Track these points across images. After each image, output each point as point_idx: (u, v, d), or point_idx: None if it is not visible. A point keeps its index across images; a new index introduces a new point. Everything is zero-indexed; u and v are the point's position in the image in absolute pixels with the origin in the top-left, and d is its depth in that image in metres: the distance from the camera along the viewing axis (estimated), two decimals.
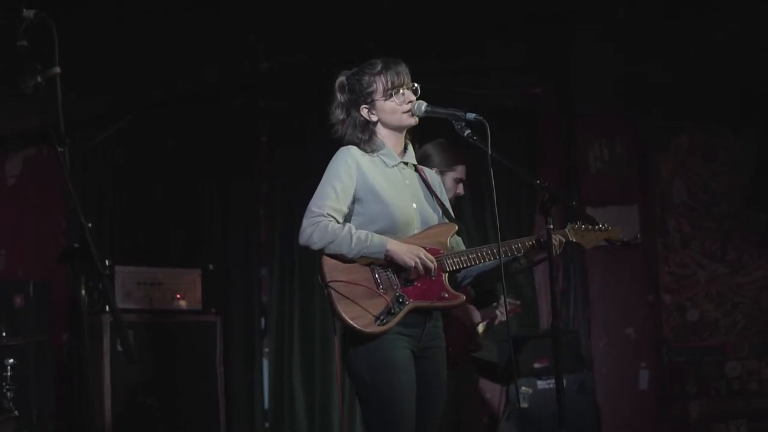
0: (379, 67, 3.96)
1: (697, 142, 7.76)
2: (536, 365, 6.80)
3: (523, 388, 6.71)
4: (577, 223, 4.13)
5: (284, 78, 7.39)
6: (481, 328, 6.03)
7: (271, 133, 7.92)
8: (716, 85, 7.51)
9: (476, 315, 5.24)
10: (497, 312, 5.97)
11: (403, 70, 3.98)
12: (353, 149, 3.93)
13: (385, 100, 3.93)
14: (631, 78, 7.66)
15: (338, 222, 3.83)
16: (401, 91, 3.94)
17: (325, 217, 3.81)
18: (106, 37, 6.69)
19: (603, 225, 4.18)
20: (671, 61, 7.54)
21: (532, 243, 3.98)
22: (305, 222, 3.83)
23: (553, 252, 3.92)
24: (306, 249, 3.84)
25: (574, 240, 4.12)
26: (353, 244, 3.75)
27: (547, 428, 6.48)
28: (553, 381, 6.54)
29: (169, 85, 7.42)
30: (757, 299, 7.60)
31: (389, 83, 3.93)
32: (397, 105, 3.93)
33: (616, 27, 7.43)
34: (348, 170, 3.87)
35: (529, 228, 7.38)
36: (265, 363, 7.74)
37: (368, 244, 3.76)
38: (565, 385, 3.95)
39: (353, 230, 3.79)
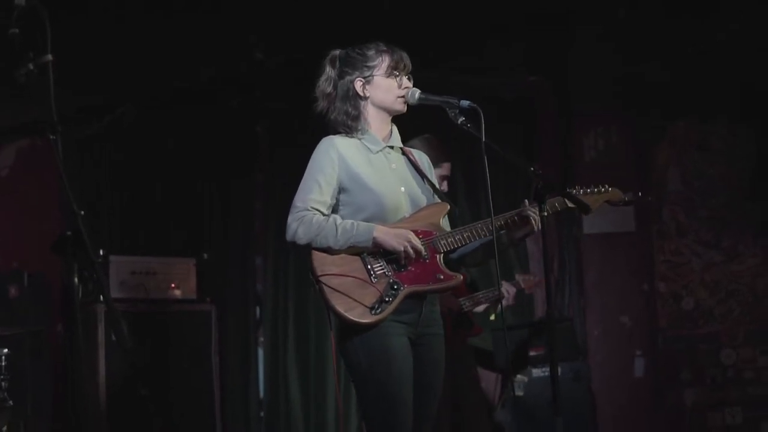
0: (384, 46, 3.95)
1: (693, 131, 7.75)
2: (531, 353, 6.80)
3: (519, 376, 6.72)
4: (575, 189, 4.03)
5: (282, 76, 7.39)
6: (482, 309, 6.04)
7: (268, 127, 7.93)
8: (714, 85, 7.51)
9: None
10: (504, 291, 5.95)
11: (407, 57, 3.97)
12: (335, 139, 3.90)
13: (386, 77, 3.91)
14: (629, 78, 7.66)
15: (323, 214, 3.80)
16: (401, 75, 3.94)
17: (309, 210, 3.78)
18: (105, 35, 6.67)
19: (603, 187, 4.11)
20: (670, 61, 7.54)
21: (513, 218, 3.92)
22: (290, 218, 3.81)
23: (534, 228, 3.89)
24: (294, 245, 3.82)
25: (572, 206, 4.00)
26: (339, 235, 3.73)
27: (543, 416, 6.49)
28: (548, 369, 6.56)
29: (167, 84, 7.41)
30: (752, 287, 7.61)
31: (394, 62, 3.92)
32: (395, 86, 3.92)
33: (616, 27, 7.43)
34: (330, 161, 3.84)
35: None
36: (260, 352, 7.74)
37: (354, 233, 3.73)
38: (560, 374, 3.97)
39: (338, 221, 3.76)
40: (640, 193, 4.19)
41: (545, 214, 3.84)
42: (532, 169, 3.81)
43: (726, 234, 7.63)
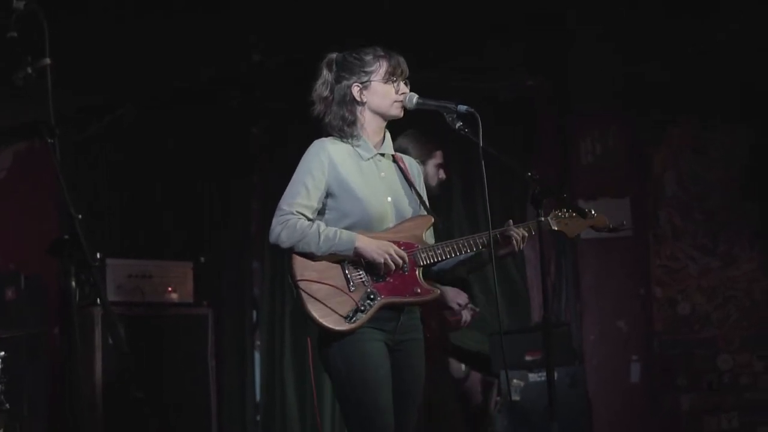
0: (382, 52, 3.95)
1: (689, 134, 7.75)
2: (528, 358, 6.80)
3: (515, 380, 6.72)
4: (560, 211, 4.06)
5: (281, 77, 7.39)
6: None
7: (266, 128, 7.93)
8: (714, 85, 7.51)
9: (461, 296, 5.22)
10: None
11: (404, 62, 3.97)
12: (326, 142, 3.90)
13: (384, 83, 3.91)
14: (628, 78, 7.66)
15: (309, 219, 3.80)
16: (399, 80, 3.94)
17: (294, 215, 3.78)
18: (105, 35, 6.67)
19: (588, 212, 4.10)
20: (670, 61, 7.54)
21: (496, 236, 3.91)
22: (274, 221, 3.82)
23: (516, 248, 3.90)
24: (277, 247, 3.83)
25: (556, 228, 4.06)
26: (321, 242, 3.73)
27: (538, 421, 6.49)
28: (544, 374, 6.55)
29: (166, 84, 7.42)
30: (749, 292, 7.60)
31: (391, 68, 3.92)
32: (392, 92, 3.92)
33: (616, 27, 7.44)
34: (320, 165, 3.83)
35: (521, 220, 7.37)
36: (257, 356, 7.74)
37: (336, 241, 3.73)
38: (556, 378, 3.97)
39: (322, 228, 3.76)
40: (624, 222, 4.21)
41: (542, 219, 3.85)
42: (529, 174, 3.82)
43: (722, 238, 7.63)
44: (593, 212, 4.13)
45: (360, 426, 3.72)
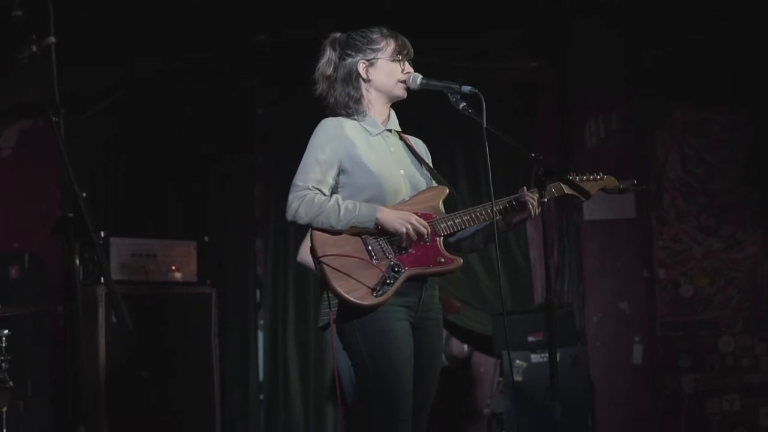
0: (388, 31, 3.95)
1: (692, 118, 7.75)
2: (530, 339, 6.82)
3: (517, 361, 6.73)
4: (571, 175, 4.00)
5: (284, 58, 7.38)
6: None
7: (269, 109, 7.92)
8: (713, 66, 7.50)
9: None
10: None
11: (409, 43, 3.98)
12: (335, 120, 3.90)
13: (390, 61, 3.92)
14: (629, 62, 7.65)
15: (324, 194, 3.78)
16: (404, 60, 3.95)
17: (310, 190, 3.76)
18: (108, 13, 6.66)
19: (598, 174, 4.08)
20: (670, 46, 7.53)
21: (512, 203, 3.90)
22: (291, 197, 3.78)
23: (532, 212, 3.86)
24: (294, 224, 3.82)
25: (569, 192, 3.98)
26: (341, 215, 3.70)
27: (541, 401, 6.51)
28: (546, 354, 6.58)
29: (167, 60, 7.41)
30: (751, 275, 7.62)
31: (398, 47, 3.93)
32: (398, 70, 3.93)
33: (616, 12, 7.42)
34: (330, 142, 3.82)
35: None
36: (260, 335, 7.76)
37: (357, 213, 3.70)
38: (558, 359, 3.96)
39: (340, 201, 3.74)
40: (635, 181, 4.17)
41: (545, 200, 3.84)
42: (533, 155, 3.81)
43: (726, 221, 7.64)
44: (602, 175, 4.10)
45: (379, 407, 3.69)
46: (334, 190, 3.86)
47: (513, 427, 6.67)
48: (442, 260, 3.79)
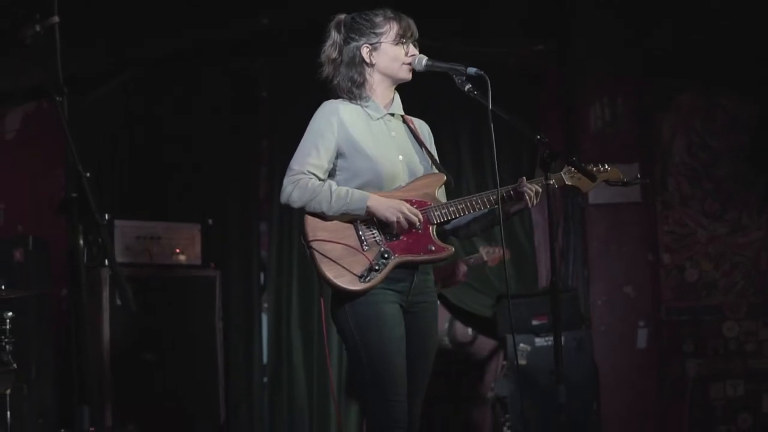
0: (392, 13, 3.94)
1: (698, 102, 7.73)
2: (534, 322, 6.82)
3: (522, 345, 6.73)
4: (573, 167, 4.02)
5: (289, 41, 7.36)
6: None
7: (274, 92, 7.91)
8: (722, 51, 7.47)
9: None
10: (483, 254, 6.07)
11: (414, 25, 3.97)
12: (336, 103, 3.90)
13: (393, 44, 3.90)
14: (634, 45, 7.63)
15: (320, 179, 3.80)
16: (408, 42, 3.93)
17: (305, 174, 3.79)
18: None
19: (601, 166, 4.10)
20: (675, 27, 7.50)
21: (510, 193, 3.91)
22: (286, 180, 3.83)
23: (530, 203, 3.87)
24: (288, 208, 3.84)
25: (569, 183, 4.02)
26: (333, 201, 3.73)
27: (545, 385, 6.51)
28: (551, 338, 6.58)
29: (170, 42, 7.38)
30: (756, 260, 7.61)
31: (402, 30, 3.91)
32: (402, 53, 3.91)
33: None
34: (330, 125, 3.83)
35: None
36: (264, 318, 7.76)
37: (348, 200, 3.73)
38: (563, 343, 3.96)
39: (333, 187, 3.76)
40: (639, 175, 4.17)
41: (551, 182, 3.83)
42: (538, 137, 3.81)
43: (731, 206, 7.62)
44: (606, 167, 4.10)
45: (373, 389, 3.71)
46: (332, 174, 3.87)
47: (517, 410, 6.67)
48: (433, 248, 3.82)
